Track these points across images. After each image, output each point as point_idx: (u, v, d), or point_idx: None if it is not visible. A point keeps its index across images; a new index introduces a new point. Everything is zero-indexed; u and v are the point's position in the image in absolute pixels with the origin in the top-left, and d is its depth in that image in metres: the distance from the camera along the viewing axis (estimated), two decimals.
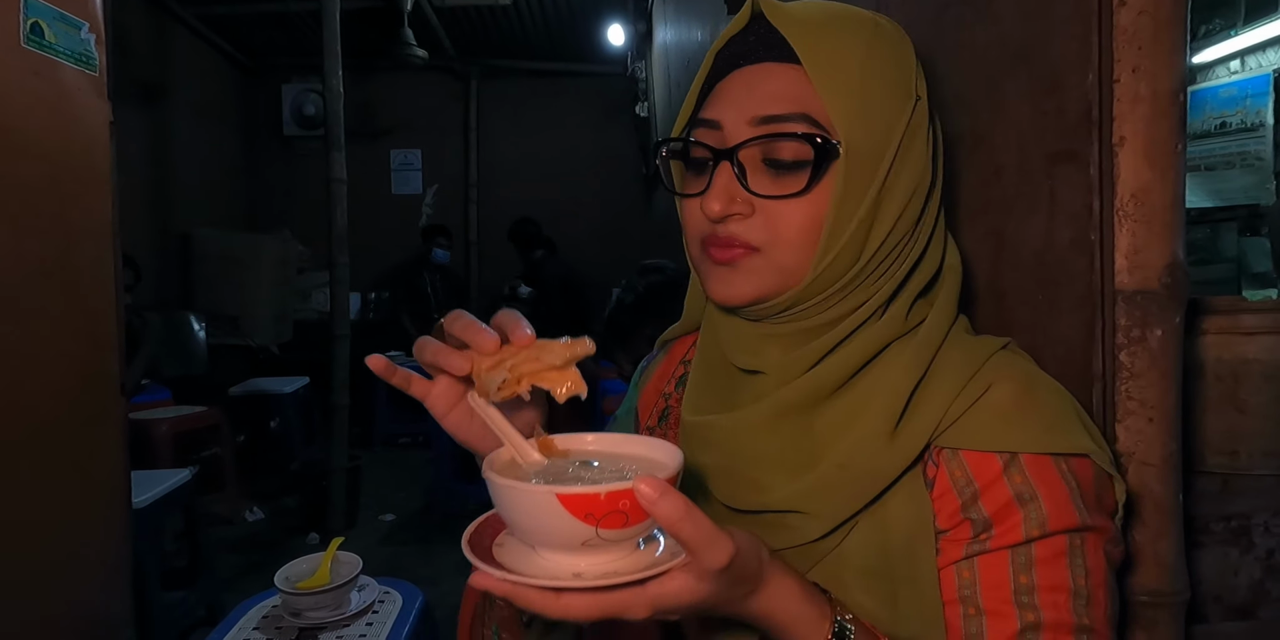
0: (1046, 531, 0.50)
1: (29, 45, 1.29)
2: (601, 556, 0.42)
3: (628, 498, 0.39)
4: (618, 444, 0.50)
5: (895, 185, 0.55)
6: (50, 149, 1.35)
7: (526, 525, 0.42)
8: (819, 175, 0.53)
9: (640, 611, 0.41)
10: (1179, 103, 0.60)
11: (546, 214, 5.53)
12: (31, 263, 1.30)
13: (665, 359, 0.75)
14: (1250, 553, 0.74)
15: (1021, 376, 0.55)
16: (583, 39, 5.44)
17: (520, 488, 0.40)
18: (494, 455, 0.48)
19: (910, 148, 0.55)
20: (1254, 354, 0.74)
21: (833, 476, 0.53)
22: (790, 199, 0.54)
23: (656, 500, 0.38)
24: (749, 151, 0.54)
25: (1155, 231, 0.60)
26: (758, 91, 0.55)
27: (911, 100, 0.55)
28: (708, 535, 0.40)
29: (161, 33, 4.56)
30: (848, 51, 0.54)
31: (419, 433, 4.72)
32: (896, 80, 0.55)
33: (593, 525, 0.40)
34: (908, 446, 0.53)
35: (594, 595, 0.40)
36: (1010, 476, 0.51)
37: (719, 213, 0.54)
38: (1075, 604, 0.49)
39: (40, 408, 1.32)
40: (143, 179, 4.25)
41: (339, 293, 3.30)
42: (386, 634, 1.25)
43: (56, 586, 1.35)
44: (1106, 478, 0.53)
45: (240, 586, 2.60)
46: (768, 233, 0.55)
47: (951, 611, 0.51)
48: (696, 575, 0.41)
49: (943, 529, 0.53)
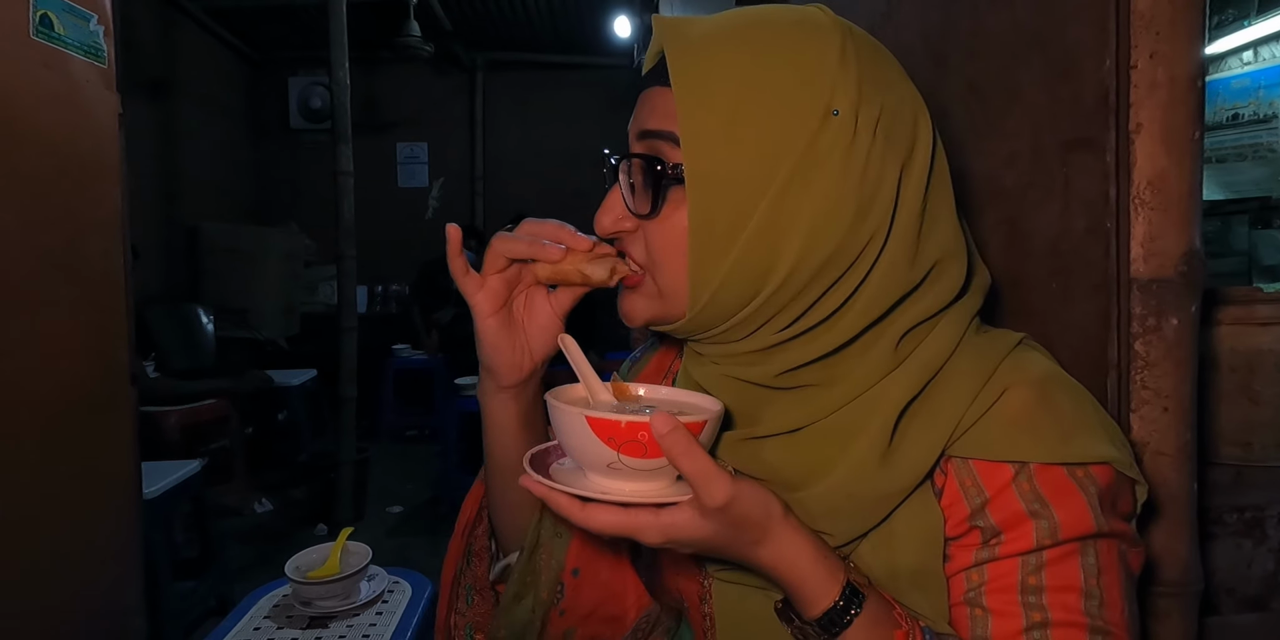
0: (1059, 539, 0.48)
1: (38, 37, 1.29)
2: (631, 484, 0.48)
3: (644, 430, 0.44)
4: (680, 395, 0.55)
5: (796, 209, 0.48)
6: (59, 141, 1.35)
7: (567, 442, 0.48)
8: (659, 200, 0.52)
9: (653, 536, 0.45)
10: (1197, 89, 0.59)
11: (552, 206, 5.49)
12: (41, 254, 1.31)
13: (658, 355, 0.74)
14: (1264, 545, 0.73)
15: (1037, 380, 0.52)
16: (589, 31, 5.42)
17: (560, 407, 0.47)
18: (564, 388, 0.54)
19: (817, 169, 0.48)
20: (1268, 345, 0.73)
21: (840, 503, 0.52)
22: (650, 221, 0.53)
23: (665, 434, 0.43)
24: (633, 170, 0.53)
25: (1172, 219, 0.59)
26: (647, 108, 0.53)
27: (819, 118, 0.48)
28: (706, 472, 0.43)
29: (168, 26, 4.56)
30: (726, 69, 0.49)
31: (426, 426, 4.74)
32: (795, 96, 0.48)
33: (615, 449, 0.45)
34: (916, 464, 0.51)
35: (614, 511, 0.45)
36: (1019, 485, 0.50)
37: (608, 228, 0.55)
38: (1087, 604, 0.48)
39: (51, 398, 1.32)
40: (150, 172, 4.25)
41: (346, 285, 3.30)
42: (396, 623, 1.25)
43: (69, 575, 1.36)
44: (1127, 481, 0.51)
45: (250, 577, 2.61)
46: (646, 253, 0.54)
47: (958, 613, 0.50)
48: (700, 511, 0.45)
49: (951, 536, 0.51)
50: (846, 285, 0.51)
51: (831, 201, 0.49)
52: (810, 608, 0.47)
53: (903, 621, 0.48)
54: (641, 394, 0.56)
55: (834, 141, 0.48)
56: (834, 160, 0.48)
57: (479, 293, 0.57)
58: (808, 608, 0.47)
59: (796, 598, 0.48)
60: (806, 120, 0.48)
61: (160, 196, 4.38)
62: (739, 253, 0.49)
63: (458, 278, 0.57)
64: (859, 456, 0.51)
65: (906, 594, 0.51)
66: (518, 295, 0.59)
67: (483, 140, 6.03)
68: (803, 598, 0.47)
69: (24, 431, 1.26)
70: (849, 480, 0.51)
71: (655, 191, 0.52)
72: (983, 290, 0.57)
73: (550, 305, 0.59)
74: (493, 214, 5.94)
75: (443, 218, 5.79)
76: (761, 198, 0.48)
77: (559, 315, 0.59)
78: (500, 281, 0.57)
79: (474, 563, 0.70)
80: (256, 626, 1.24)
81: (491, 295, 0.57)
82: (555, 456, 0.54)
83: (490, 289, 0.57)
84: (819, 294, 0.51)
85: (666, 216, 0.52)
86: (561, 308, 0.59)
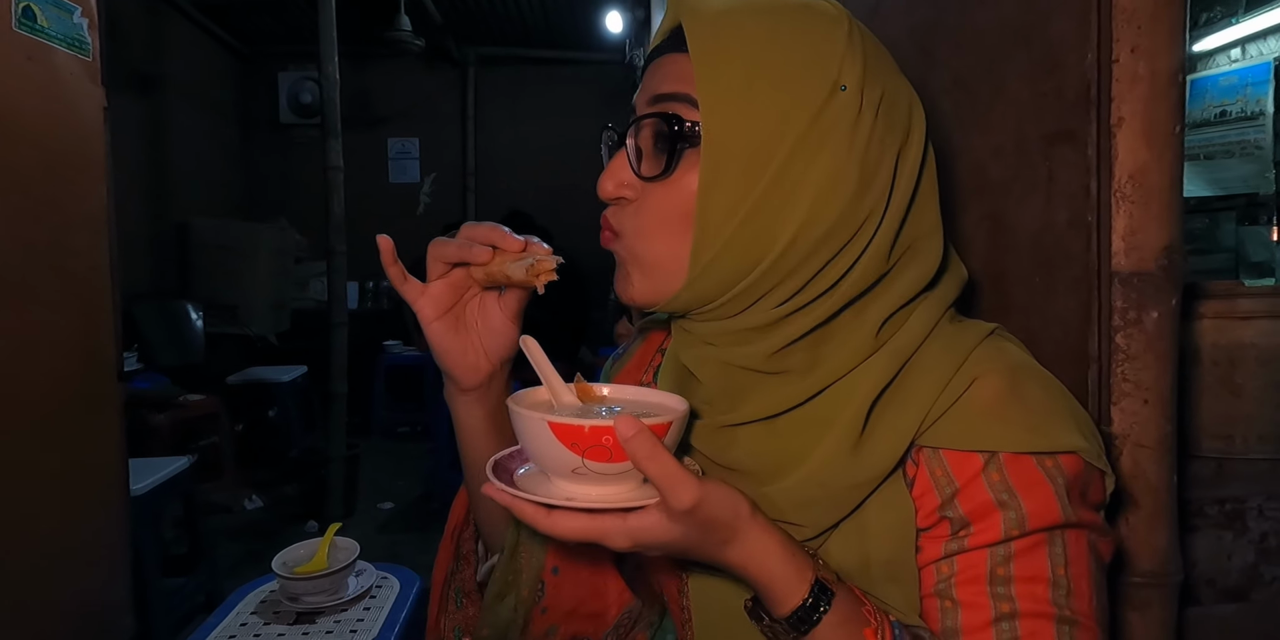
0: (1026, 530, 0.49)
1: (20, 29, 1.28)
2: (597, 488, 0.47)
3: (609, 434, 0.44)
4: (646, 395, 0.55)
5: (800, 179, 0.50)
6: (44, 134, 1.34)
7: (529, 448, 0.48)
8: (674, 160, 0.52)
9: (620, 540, 0.45)
10: (1178, 83, 0.59)
11: (544, 202, 5.49)
12: (26, 248, 1.30)
13: (643, 346, 0.74)
14: (1244, 536, 0.74)
15: (1008, 369, 0.52)
16: (581, 26, 5.40)
17: (521, 413, 0.46)
18: (526, 391, 0.53)
19: (822, 141, 0.49)
20: (1250, 338, 0.74)
21: (813, 492, 0.52)
22: (656, 183, 0.53)
23: (629, 438, 0.42)
24: (643, 133, 0.54)
25: (1152, 213, 0.60)
26: (660, 72, 0.54)
27: (826, 90, 0.49)
28: (673, 476, 0.43)
29: (155, 19, 4.52)
30: (742, 37, 0.50)
31: (417, 422, 4.73)
32: (806, 67, 0.50)
33: (579, 455, 0.45)
34: (886, 453, 0.51)
35: (580, 517, 0.45)
36: (988, 475, 0.50)
37: (611, 192, 0.55)
38: (1054, 594, 0.48)
39: (37, 394, 1.32)
40: (138, 168, 4.22)
41: (336, 281, 3.29)
42: (384, 618, 1.25)
43: (57, 573, 1.35)
44: (1096, 472, 0.51)
45: (239, 574, 2.61)
46: (636, 224, 0.54)
47: (929, 605, 0.51)
48: (667, 514, 0.44)
49: (922, 527, 0.52)
50: (842, 262, 0.52)
51: (835, 174, 0.50)
52: (779, 606, 0.47)
53: (872, 618, 0.47)
54: (606, 394, 0.55)
55: (840, 115, 0.50)
56: (839, 133, 0.50)
57: (420, 298, 0.57)
58: (777, 606, 0.47)
59: (766, 596, 0.48)
60: (816, 91, 0.49)
61: (148, 192, 4.35)
62: (744, 217, 0.50)
63: (396, 285, 0.57)
64: (832, 446, 0.52)
65: (880, 585, 0.52)
66: (470, 299, 0.59)
67: (475, 135, 6.00)
68: (772, 596, 0.47)
69: (9, 427, 1.25)
70: (821, 469, 0.52)
71: (670, 151, 0.52)
72: (959, 282, 0.58)
73: (499, 308, 0.59)
74: (485, 210, 5.93)
75: (435, 213, 5.78)
76: (770, 162, 0.49)
77: (509, 317, 0.59)
78: (444, 286, 0.57)
79: (462, 566, 0.70)
80: (243, 622, 1.24)
81: (433, 301, 0.57)
82: (519, 462, 0.53)
83: (432, 294, 0.57)
84: (817, 268, 0.52)
85: (675, 180, 0.52)
86: (510, 310, 0.59)
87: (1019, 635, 0.48)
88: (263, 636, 1.19)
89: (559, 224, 5.12)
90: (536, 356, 0.55)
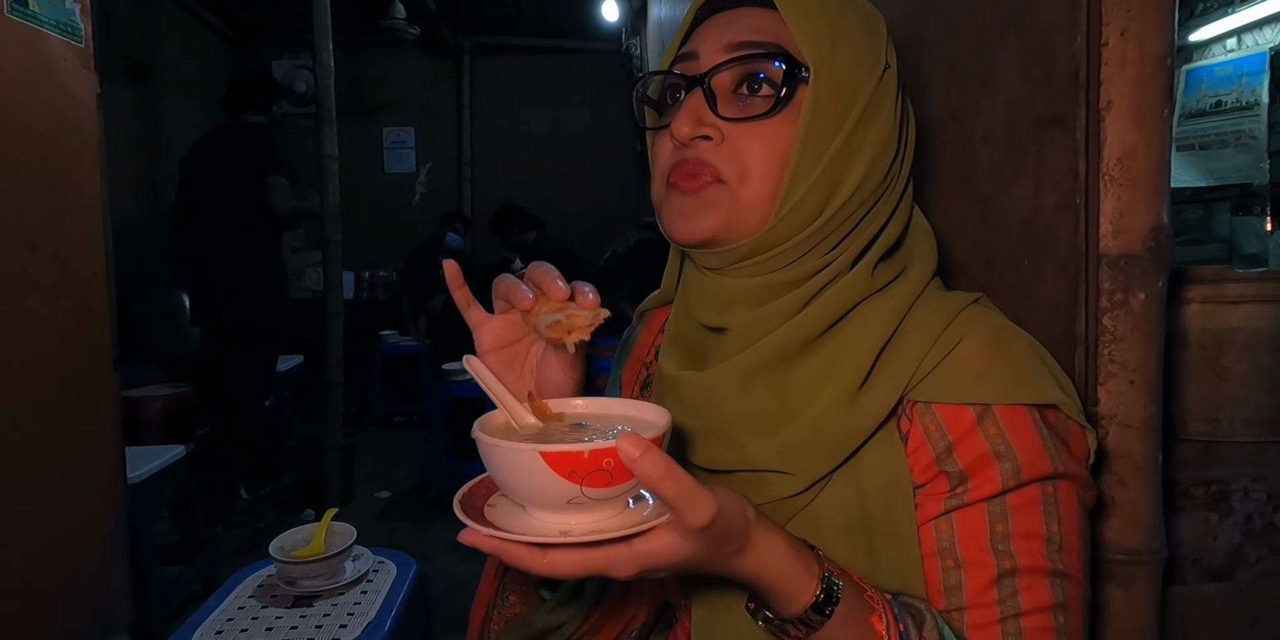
0: (1021, 480, 0.51)
1: (13, 15, 1.27)
2: (589, 515, 0.43)
3: (611, 456, 0.39)
4: (609, 406, 0.51)
5: (863, 140, 0.55)
6: (37, 121, 1.34)
7: (514, 484, 0.42)
8: (786, 99, 0.54)
9: (626, 569, 0.41)
10: (1166, 67, 0.60)
11: (540, 192, 5.48)
12: (20, 236, 1.30)
13: (645, 330, 0.75)
14: (1229, 517, 0.75)
15: (991, 329, 0.55)
16: (576, 15, 5.37)
17: (506, 446, 0.41)
18: (486, 418, 0.48)
19: (878, 110, 0.56)
20: (1237, 323, 0.74)
21: (808, 437, 0.54)
22: (756, 122, 0.54)
23: (638, 458, 0.38)
24: (721, 79, 0.55)
25: (1140, 196, 0.60)
26: (734, 25, 0.56)
27: (880, 66, 0.56)
28: (689, 493, 0.40)
29: (147, 6, 4.48)
30: (820, 7, 0.56)
31: (414, 411, 4.73)
32: (866, 43, 0.56)
33: (577, 483, 0.40)
34: (879, 403, 0.53)
35: (580, 552, 0.41)
36: (984, 428, 0.52)
37: (687, 134, 0.55)
38: (1049, 550, 0.51)
39: (32, 382, 1.32)
40: (131, 156, 4.20)
41: (332, 271, 3.28)
42: (381, 602, 1.26)
43: (55, 560, 1.36)
44: (1074, 424, 0.54)
45: (236, 561, 2.59)
46: (734, 163, 0.55)
47: (930, 564, 0.52)
48: (680, 533, 0.41)
49: (919, 483, 0.53)
50: (876, 220, 0.58)
51: (885, 139, 0.56)
52: (790, 604, 0.46)
53: (875, 603, 0.48)
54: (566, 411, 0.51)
55: (887, 89, 0.57)
56: (887, 104, 0.57)
57: (481, 327, 0.55)
58: (787, 604, 0.47)
59: (776, 597, 0.47)
60: (875, 63, 0.56)
61: (142, 181, 4.33)
62: (825, 165, 0.54)
63: (462, 310, 0.55)
64: (832, 393, 0.54)
65: (880, 540, 0.53)
66: (534, 343, 0.56)
67: (470, 125, 5.98)
68: (782, 596, 0.46)
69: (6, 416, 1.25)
70: (819, 415, 0.54)
71: (776, 94, 0.54)
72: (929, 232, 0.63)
73: (556, 360, 0.55)
74: (480, 199, 5.91)
75: (430, 203, 5.75)
76: (845, 120, 0.54)
77: (568, 373, 0.55)
78: (505, 322, 0.55)
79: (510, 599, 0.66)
80: (241, 605, 1.25)
81: (492, 333, 0.55)
82: (484, 496, 0.47)
83: (493, 327, 0.55)
84: (855, 223, 0.57)
85: (770, 122, 0.54)
86: (566, 364, 0.55)
87: (1018, 589, 0.50)
88: (261, 619, 1.20)
89: (554, 213, 5.12)
90: (485, 377, 0.51)
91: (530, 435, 0.47)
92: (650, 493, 0.44)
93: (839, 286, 0.56)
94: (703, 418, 0.58)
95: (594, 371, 3.63)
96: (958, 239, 0.77)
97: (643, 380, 0.72)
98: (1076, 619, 0.52)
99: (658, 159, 0.59)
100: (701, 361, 0.61)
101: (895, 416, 0.55)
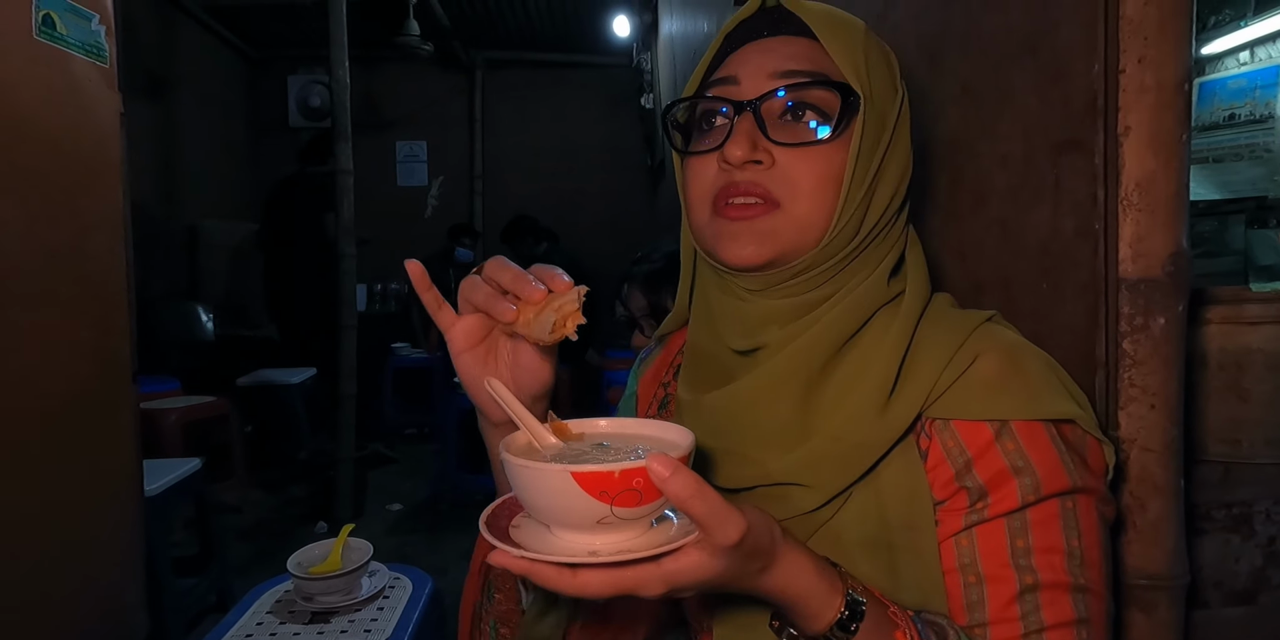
0: (1040, 495, 0.51)
1: (41, 37, 1.30)
2: (617, 535, 0.43)
3: (641, 476, 0.40)
4: (630, 426, 0.51)
5: (891, 162, 0.58)
6: (62, 139, 1.36)
7: (543, 505, 0.43)
8: (844, 124, 0.56)
9: (655, 588, 0.41)
10: (1184, 93, 0.60)
11: (551, 205, 5.51)
12: (44, 251, 1.32)
13: (663, 352, 0.76)
14: (1251, 540, 0.75)
15: (1006, 346, 0.56)
16: (588, 30, 5.42)
17: (536, 467, 0.41)
18: (510, 438, 0.49)
19: (900, 135, 0.59)
20: (1257, 343, 0.74)
21: (827, 448, 0.54)
22: (811, 148, 0.56)
23: (668, 478, 0.39)
24: (770, 105, 0.57)
25: (1159, 220, 0.61)
26: (776, 53, 0.58)
27: (899, 93, 0.60)
28: (719, 512, 0.40)
29: (168, 25, 4.56)
30: (852, 38, 0.58)
31: (425, 424, 4.74)
32: (888, 72, 0.60)
33: (607, 503, 0.40)
34: (899, 418, 0.54)
35: (609, 572, 0.41)
36: (1003, 444, 0.52)
37: (741, 158, 0.55)
38: (1070, 564, 0.51)
39: (53, 395, 1.33)
40: (149, 170, 4.26)
41: (345, 284, 3.30)
42: (397, 618, 1.26)
43: (73, 571, 1.37)
44: (1092, 439, 0.54)
45: (250, 574, 2.62)
46: (785, 186, 0.56)
47: (952, 580, 0.52)
48: (710, 552, 0.41)
49: (939, 500, 0.54)
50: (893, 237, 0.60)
51: (906, 159, 0.60)
52: (814, 621, 0.46)
53: (898, 620, 0.48)
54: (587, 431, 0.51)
55: (904, 113, 0.60)
56: (905, 127, 0.60)
57: (452, 328, 0.55)
58: (812, 622, 0.46)
59: (800, 614, 0.47)
60: (894, 91, 0.59)
61: (159, 194, 4.39)
62: (869, 186, 0.57)
63: (431, 313, 0.55)
64: (858, 405, 0.55)
65: (902, 555, 0.53)
66: (502, 335, 0.57)
67: (482, 139, 6.03)
68: (807, 613, 0.46)
69: (26, 429, 1.27)
70: (841, 426, 0.54)
71: (835, 120, 0.56)
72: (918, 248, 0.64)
73: (530, 347, 0.55)
74: (492, 213, 5.95)
75: (442, 216, 5.80)
76: (881, 142, 0.58)
77: (542, 354, 0.56)
78: (476, 320, 0.55)
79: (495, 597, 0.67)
80: (259, 621, 1.25)
81: (464, 333, 0.55)
82: (508, 517, 0.47)
83: (463, 327, 0.55)
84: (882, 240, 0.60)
85: (823, 147, 0.56)
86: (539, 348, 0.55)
87: (1040, 604, 0.50)
88: (278, 635, 1.20)
89: (564, 226, 5.14)
90: (507, 399, 0.51)
91: (554, 455, 0.48)
92: (680, 512, 0.44)
93: (858, 294, 0.58)
94: (724, 438, 0.58)
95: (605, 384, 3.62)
96: (975, 261, 0.77)
97: (660, 399, 0.73)
98: (1100, 634, 0.51)
99: (698, 183, 0.59)
100: (725, 380, 0.61)
101: (914, 433, 0.55)
